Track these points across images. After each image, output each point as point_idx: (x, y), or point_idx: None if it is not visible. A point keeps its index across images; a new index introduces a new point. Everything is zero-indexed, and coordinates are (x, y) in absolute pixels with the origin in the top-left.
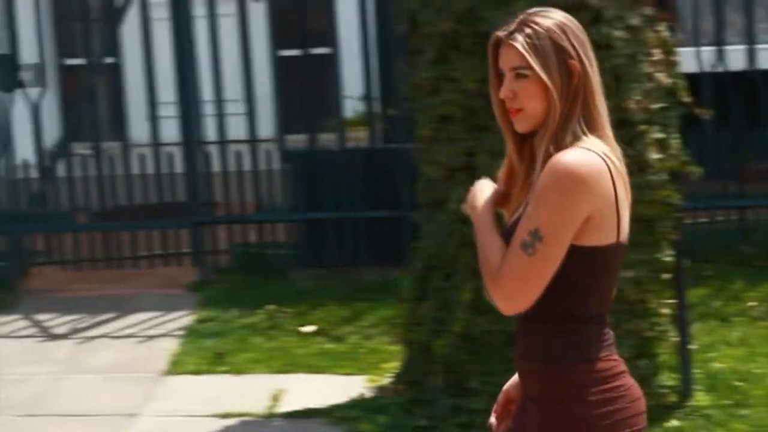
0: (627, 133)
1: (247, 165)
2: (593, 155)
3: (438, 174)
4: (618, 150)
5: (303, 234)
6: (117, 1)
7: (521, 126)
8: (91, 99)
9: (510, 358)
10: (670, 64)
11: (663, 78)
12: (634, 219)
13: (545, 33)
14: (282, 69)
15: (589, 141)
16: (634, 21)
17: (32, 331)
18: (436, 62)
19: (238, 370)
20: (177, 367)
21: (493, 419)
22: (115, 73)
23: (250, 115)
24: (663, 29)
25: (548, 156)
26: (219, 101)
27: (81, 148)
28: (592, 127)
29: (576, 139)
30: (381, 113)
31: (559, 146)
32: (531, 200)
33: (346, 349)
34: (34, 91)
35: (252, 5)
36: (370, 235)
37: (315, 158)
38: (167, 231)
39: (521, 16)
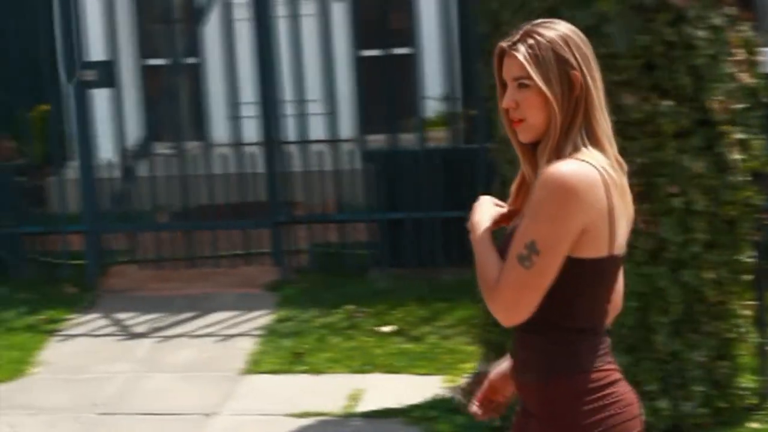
0: (708, 133)
1: (327, 165)
2: (587, 167)
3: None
4: (620, 164)
5: (382, 234)
6: (199, 2)
7: (524, 136)
8: (172, 99)
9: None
10: (752, 64)
11: (746, 78)
12: (716, 220)
13: (547, 44)
14: (363, 69)
15: (588, 153)
16: (717, 21)
17: (112, 329)
18: None
19: (316, 370)
20: (255, 366)
21: (476, 408)
22: (197, 73)
23: (331, 115)
24: (746, 29)
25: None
26: (300, 101)
27: (163, 148)
28: (593, 140)
29: (576, 150)
30: (461, 113)
31: (560, 157)
32: (526, 212)
33: (424, 349)
34: (114, 91)
35: (334, 5)
36: (449, 236)
37: (395, 158)
38: (247, 230)
39: (526, 27)
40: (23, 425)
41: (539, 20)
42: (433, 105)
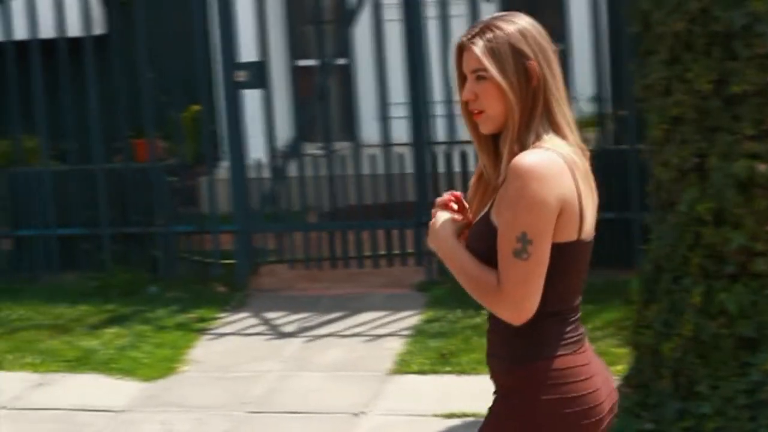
0: None
1: (473, 165)
2: (551, 153)
3: (669, 176)
4: (582, 150)
5: None
6: (350, 3)
7: (484, 128)
8: (322, 99)
9: (741, 363)
10: None
11: None
12: None
13: (504, 36)
14: None
15: (550, 141)
16: None
17: (262, 328)
18: (668, 63)
19: (462, 371)
20: (403, 366)
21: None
22: (347, 73)
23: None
24: None
25: (513, 156)
26: (449, 102)
27: (312, 148)
28: (555, 128)
29: (538, 139)
30: (611, 114)
31: (523, 146)
32: (504, 207)
33: None
34: (265, 92)
35: (483, 6)
36: (598, 237)
37: None
38: (394, 231)
39: (485, 21)
40: (174, 422)
41: (499, 14)
42: (582, 106)
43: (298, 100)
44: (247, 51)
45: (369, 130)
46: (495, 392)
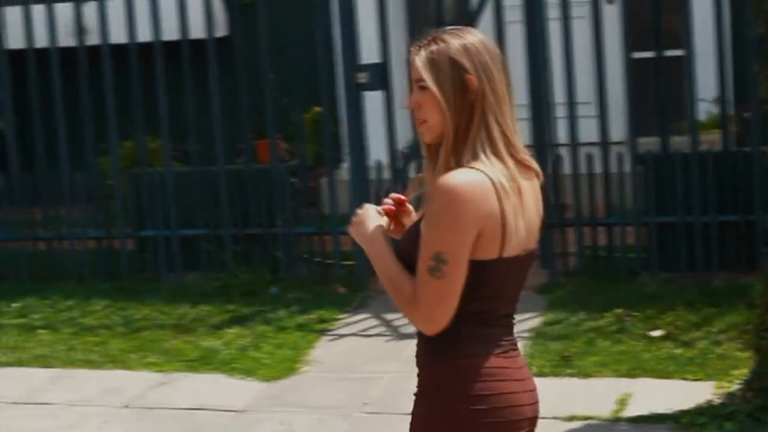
0: None
1: (597, 167)
2: (478, 174)
3: None
4: (526, 167)
5: (653, 238)
6: (471, 4)
7: (427, 137)
8: None
9: None
10: None
11: None
12: None
13: (446, 49)
14: (634, 71)
15: (484, 162)
16: None
17: (382, 329)
18: None
19: (584, 374)
20: None
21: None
22: None
23: (602, 117)
24: None
25: (447, 169)
26: (571, 104)
27: None
28: (492, 146)
29: (474, 158)
30: (734, 116)
31: (459, 162)
32: (426, 222)
33: (694, 355)
34: (385, 94)
35: (605, 7)
36: (721, 240)
37: (666, 161)
38: None
39: (435, 33)
40: (294, 422)
41: (451, 27)
42: (705, 107)
43: None
44: (369, 52)
45: None
46: (416, 392)
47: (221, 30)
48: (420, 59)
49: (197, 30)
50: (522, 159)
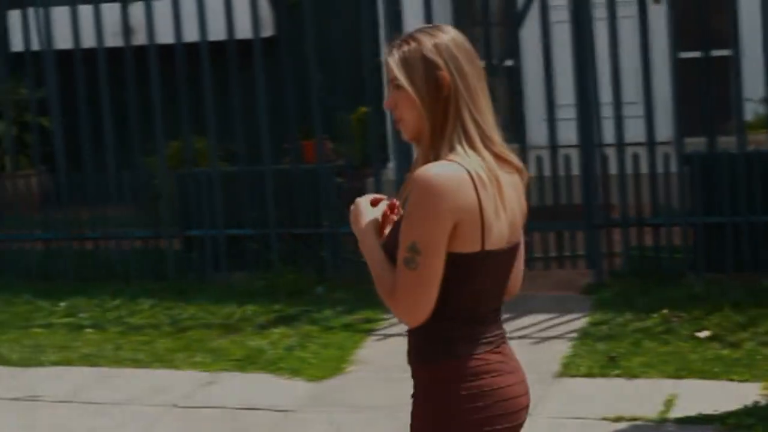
0: None
1: (644, 167)
2: (455, 167)
3: None
4: (505, 160)
5: (699, 238)
6: (518, 5)
7: (405, 135)
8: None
9: None
10: None
11: None
12: None
13: (418, 47)
14: (681, 71)
15: (461, 155)
16: None
17: None
18: None
19: (630, 374)
20: (569, 369)
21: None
22: (515, 75)
23: (648, 117)
24: None
25: (427, 163)
26: (617, 103)
27: None
28: (468, 140)
29: (452, 151)
30: None
31: (438, 156)
32: (404, 215)
33: (741, 356)
34: None
35: (653, 7)
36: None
37: (713, 161)
38: (563, 233)
39: (409, 33)
40: (342, 422)
41: (424, 26)
42: (752, 107)
43: None
44: None
45: (536, 131)
46: (412, 393)
47: (267, 30)
48: (393, 59)
49: (244, 30)
50: (500, 152)
